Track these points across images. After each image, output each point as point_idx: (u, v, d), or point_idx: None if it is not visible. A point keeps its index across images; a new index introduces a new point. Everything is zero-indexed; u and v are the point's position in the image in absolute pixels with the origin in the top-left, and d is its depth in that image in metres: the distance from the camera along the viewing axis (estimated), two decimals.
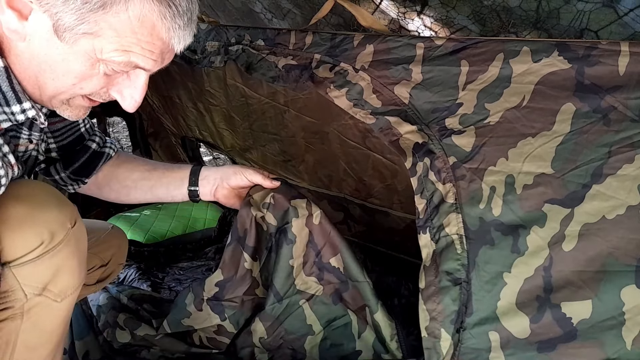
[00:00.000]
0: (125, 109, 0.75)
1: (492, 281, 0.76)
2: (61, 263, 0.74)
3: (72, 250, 0.76)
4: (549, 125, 0.76)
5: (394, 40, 0.94)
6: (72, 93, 0.69)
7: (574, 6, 0.92)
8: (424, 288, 0.81)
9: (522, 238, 0.75)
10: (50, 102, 0.71)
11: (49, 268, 0.73)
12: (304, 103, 1.38)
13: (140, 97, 0.74)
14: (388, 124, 0.88)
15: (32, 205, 0.73)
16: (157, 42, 0.67)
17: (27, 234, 0.70)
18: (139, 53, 0.66)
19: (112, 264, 1.11)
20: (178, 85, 1.65)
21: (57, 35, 0.62)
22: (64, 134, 0.99)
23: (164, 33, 0.66)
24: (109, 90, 0.72)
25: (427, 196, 0.83)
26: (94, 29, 0.62)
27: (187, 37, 0.71)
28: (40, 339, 0.78)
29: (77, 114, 0.76)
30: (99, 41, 0.63)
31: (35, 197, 0.75)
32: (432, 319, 0.79)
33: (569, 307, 0.71)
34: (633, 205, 0.69)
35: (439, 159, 0.83)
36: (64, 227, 0.75)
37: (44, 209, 0.74)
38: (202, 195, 1.09)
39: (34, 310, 0.73)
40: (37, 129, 0.84)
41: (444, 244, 0.80)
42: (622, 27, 0.90)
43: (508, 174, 0.78)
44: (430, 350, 0.79)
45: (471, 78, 0.83)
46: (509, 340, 0.74)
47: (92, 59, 0.65)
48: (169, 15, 0.65)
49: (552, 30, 1.00)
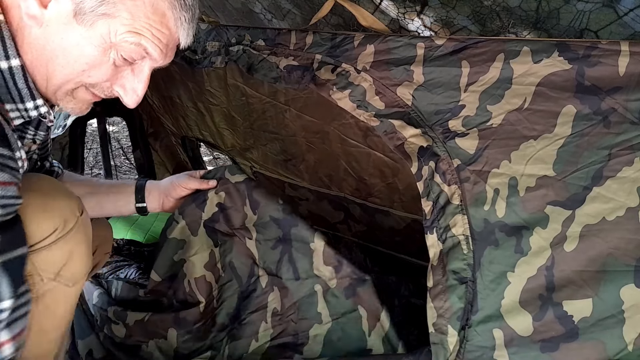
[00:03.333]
0: (127, 104, 0.78)
1: (497, 280, 0.77)
2: (73, 249, 0.78)
3: (82, 237, 0.80)
4: (551, 128, 0.76)
5: (395, 40, 0.94)
6: (78, 81, 0.72)
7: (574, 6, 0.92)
8: (432, 287, 0.82)
9: (525, 239, 0.76)
10: (55, 95, 0.73)
11: (63, 254, 0.77)
12: (305, 102, 1.38)
13: (142, 91, 0.77)
14: (392, 128, 0.89)
15: (43, 196, 0.77)
16: (165, 32, 0.71)
17: (41, 221, 0.73)
18: (149, 38, 0.70)
19: (98, 254, 1.14)
20: (178, 85, 1.64)
21: (76, 19, 0.66)
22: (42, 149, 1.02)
23: (172, 23, 0.72)
24: (113, 86, 0.75)
25: (433, 198, 0.84)
26: (111, 10, 0.66)
27: (190, 33, 0.75)
28: (53, 323, 0.81)
29: (81, 107, 0.78)
30: (114, 23, 0.67)
31: (44, 188, 0.79)
32: (440, 315, 0.80)
33: (570, 305, 0.72)
34: (632, 207, 0.70)
35: (444, 161, 0.84)
36: (74, 215, 0.79)
37: (55, 198, 0.78)
38: (151, 209, 1.17)
39: (48, 295, 0.77)
40: (44, 128, 0.87)
41: (451, 244, 0.82)
42: (622, 27, 0.90)
43: (511, 176, 0.78)
44: (438, 346, 0.80)
45: (472, 79, 0.84)
46: (513, 338, 0.75)
47: (105, 43, 0.68)
48: (177, 7, 0.71)
49: (552, 31, 1.00)
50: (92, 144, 2.85)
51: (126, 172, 2.64)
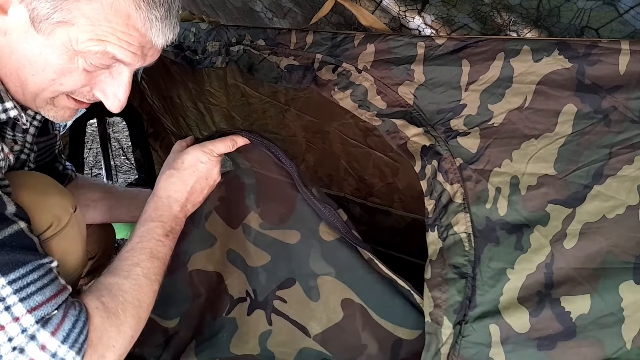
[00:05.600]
0: (110, 109, 0.74)
1: (496, 277, 0.77)
2: (68, 245, 0.77)
3: (76, 233, 0.79)
4: (552, 127, 0.76)
5: (395, 40, 0.94)
6: (53, 90, 0.69)
7: (575, 4, 0.92)
8: (430, 278, 0.82)
9: (525, 236, 0.76)
10: (35, 102, 0.71)
11: (58, 250, 0.76)
12: (305, 102, 1.38)
13: (124, 95, 0.72)
14: (395, 127, 0.89)
15: (37, 192, 0.76)
16: (133, 33, 0.65)
17: (36, 218, 0.72)
18: (116, 43, 0.64)
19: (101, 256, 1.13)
20: (178, 85, 1.64)
21: (34, 27, 0.62)
22: (44, 154, 1.02)
23: (140, 24, 0.65)
24: (93, 90, 0.72)
25: (436, 196, 0.84)
26: (67, 17, 0.61)
27: (168, 31, 0.69)
28: None
29: (63, 115, 0.75)
30: (73, 30, 0.62)
31: (38, 185, 0.78)
32: (437, 306, 0.80)
33: (569, 301, 0.72)
34: (632, 205, 0.70)
35: (446, 160, 0.84)
36: (67, 211, 0.78)
37: (48, 195, 0.77)
38: None
39: None
40: (20, 130, 0.84)
41: (452, 241, 0.82)
42: (623, 24, 0.90)
43: (512, 175, 0.79)
44: (432, 335, 0.80)
45: (473, 78, 0.84)
46: (509, 335, 0.75)
47: (69, 51, 0.64)
48: (144, 5, 0.64)
49: (552, 29, 1.01)
50: (92, 144, 2.84)
51: (126, 172, 2.63)
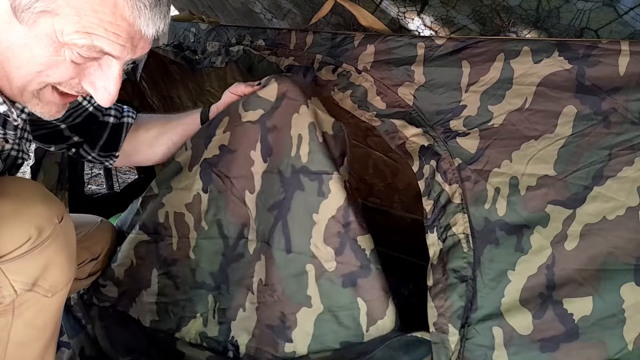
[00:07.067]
0: (100, 103, 0.71)
1: (497, 279, 0.77)
2: (50, 258, 0.73)
3: (60, 245, 0.75)
4: (552, 128, 0.77)
5: (395, 40, 0.94)
6: (40, 82, 0.66)
7: (574, 5, 0.92)
8: (432, 286, 0.82)
9: (525, 237, 0.76)
10: (22, 96, 0.69)
11: (38, 263, 0.72)
12: None
13: (114, 89, 0.69)
14: (394, 127, 0.89)
15: (19, 201, 0.72)
16: (121, 24, 0.62)
17: (14, 229, 0.69)
18: (103, 36, 0.62)
19: (103, 258, 1.12)
20: (178, 85, 1.64)
21: (16, 17, 0.59)
22: (72, 115, 1.00)
23: (128, 12, 0.62)
24: (81, 82, 0.69)
25: (434, 197, 0.84)
26: (50, 7, 0.59)
27: (157, 19, 0.66)
28: (32, 335, 0.77)
29: (50, 111, 0.72)
30: (58, 21, 0.60)
31: (21, 193, 0.74)
32: (440, 315, 0.80)
33: (571, 303, 0.72)
34: (632, 206, 0.70)
35: (445, 160, 0.84)
36: (51, 222, 0.74)
37: (31, 205, 0.73)
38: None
39: (24, 306, 0.73)
40: (12, 127, 0.80)
41: (451, 243, 0.82)
42: (622, 25, 0.90)
43: (512, 175, 0.79)
44: (439, 345, 0.80)
45: (473, 79, 0.84)
46: (512, 337, 0.75)
47: (54, 42, 0.61)
48: None
49: (552, 30, 1.01)
50: None
51: (126, 172, 2.64)
